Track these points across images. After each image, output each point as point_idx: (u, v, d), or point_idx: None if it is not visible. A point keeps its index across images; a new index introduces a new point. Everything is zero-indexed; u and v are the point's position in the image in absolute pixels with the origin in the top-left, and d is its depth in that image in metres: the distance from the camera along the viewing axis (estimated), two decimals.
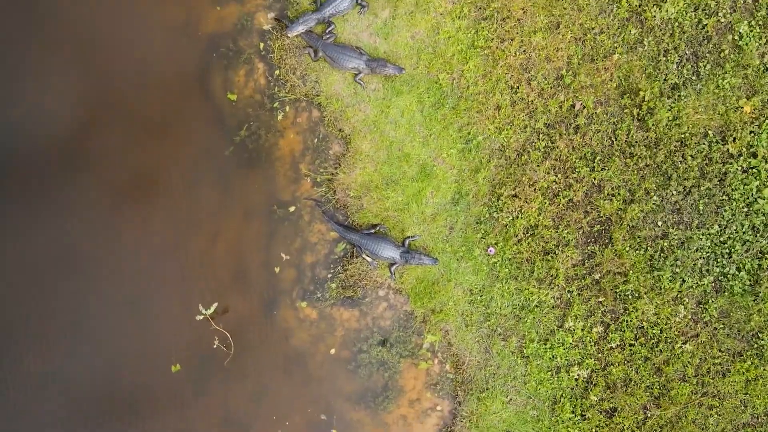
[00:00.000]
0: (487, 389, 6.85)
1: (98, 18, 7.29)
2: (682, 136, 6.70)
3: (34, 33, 7.16)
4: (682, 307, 6.63)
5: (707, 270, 6.64)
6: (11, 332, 7.07)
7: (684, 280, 6.65)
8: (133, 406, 7.03)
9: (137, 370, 7.02)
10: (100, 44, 7.25)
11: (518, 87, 6.85)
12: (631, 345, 6.69)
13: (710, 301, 6.62)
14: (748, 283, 6.58)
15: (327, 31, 6.88)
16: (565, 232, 6.76)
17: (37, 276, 7.09)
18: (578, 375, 6.77)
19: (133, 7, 7.35)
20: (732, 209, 6.63)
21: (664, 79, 6.74)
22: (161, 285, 7.02)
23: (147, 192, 7.12)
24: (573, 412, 6.78)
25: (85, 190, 7.10)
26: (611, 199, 6.74)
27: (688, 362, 6.64)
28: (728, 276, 6.61)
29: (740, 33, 6.75)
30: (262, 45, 7.18)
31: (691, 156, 6.69)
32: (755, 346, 6.60)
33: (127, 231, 7.08)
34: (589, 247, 6.78)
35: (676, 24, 6.78)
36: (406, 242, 6.72)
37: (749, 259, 6.58)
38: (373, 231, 6.74)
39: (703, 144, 6.69)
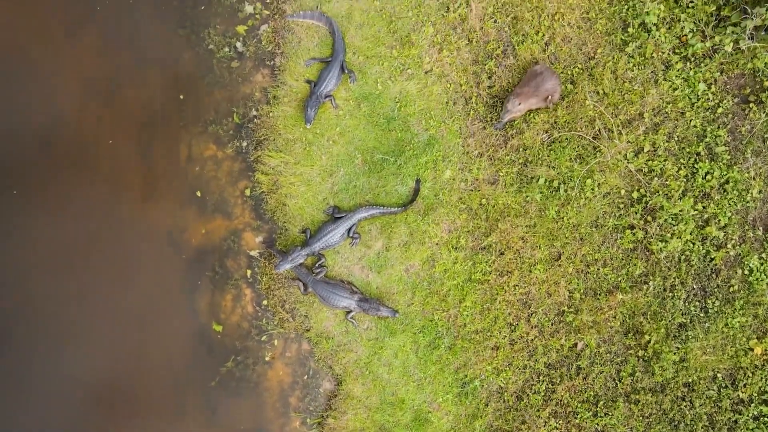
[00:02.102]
0: None
1: (81, 232, 7.01)
2: (690, 379, 6.38)
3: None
4: None
5: None
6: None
7: None
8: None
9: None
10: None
11: (517, 324, 6.54)
12: None
13: None
14: None
15: (317, 265, 6.57)
16: None
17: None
18: None
19: (114, 212, 7.06)
20: None
21: (671, 318, 6.43)
22: None
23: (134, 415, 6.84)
24: None
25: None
26: None
27: None
28: None
29: (750, 267, 6.44)
30: (249, 272, 6.88)
31: (699, 403, 6.37)
32: None
33: None
34: None
35: (683, 257, 6.48)
36: None
37: None
38: None
39: (712, 389, 6.38)
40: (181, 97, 7.06)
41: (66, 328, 6.90)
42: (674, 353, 6.37)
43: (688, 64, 6.59)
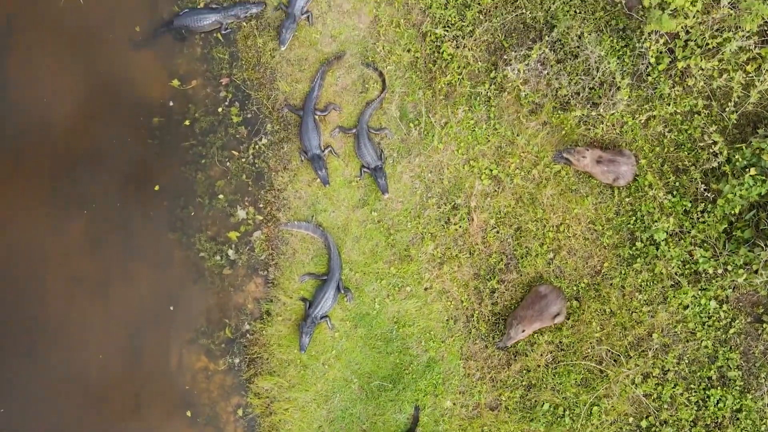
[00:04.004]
0: None
1: None
2: None
3: None
4: None
5: None
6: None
7: None
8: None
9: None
10: None
11: None
12: None
13: None
14: None
15: None
16: None
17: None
18: None
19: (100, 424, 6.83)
20: None
21: None
22: None
23: None
24: None
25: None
26: None
27: None
28: None
29: None
30: None
31: None
32: None
33: None
34: None
35: None
36: None
37: None
38: None
39: None
40: (171, 308, 6.80)
41: None
42: None
43: (699, 281, 6.32)
